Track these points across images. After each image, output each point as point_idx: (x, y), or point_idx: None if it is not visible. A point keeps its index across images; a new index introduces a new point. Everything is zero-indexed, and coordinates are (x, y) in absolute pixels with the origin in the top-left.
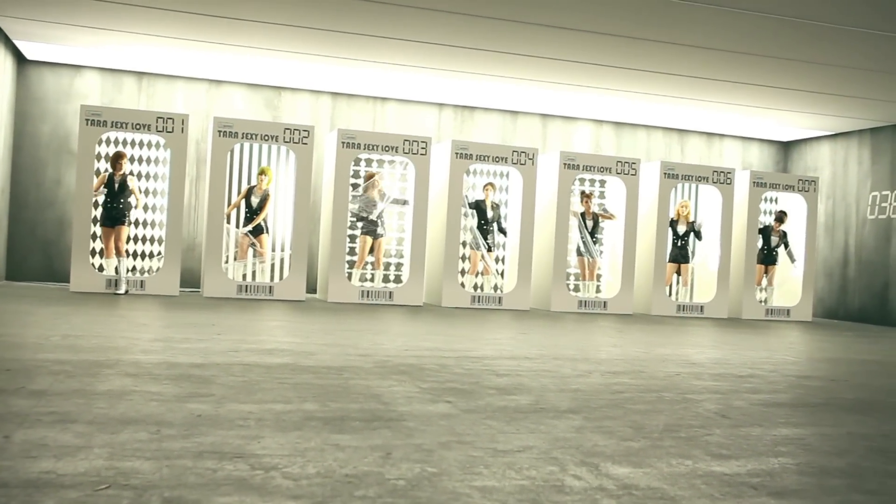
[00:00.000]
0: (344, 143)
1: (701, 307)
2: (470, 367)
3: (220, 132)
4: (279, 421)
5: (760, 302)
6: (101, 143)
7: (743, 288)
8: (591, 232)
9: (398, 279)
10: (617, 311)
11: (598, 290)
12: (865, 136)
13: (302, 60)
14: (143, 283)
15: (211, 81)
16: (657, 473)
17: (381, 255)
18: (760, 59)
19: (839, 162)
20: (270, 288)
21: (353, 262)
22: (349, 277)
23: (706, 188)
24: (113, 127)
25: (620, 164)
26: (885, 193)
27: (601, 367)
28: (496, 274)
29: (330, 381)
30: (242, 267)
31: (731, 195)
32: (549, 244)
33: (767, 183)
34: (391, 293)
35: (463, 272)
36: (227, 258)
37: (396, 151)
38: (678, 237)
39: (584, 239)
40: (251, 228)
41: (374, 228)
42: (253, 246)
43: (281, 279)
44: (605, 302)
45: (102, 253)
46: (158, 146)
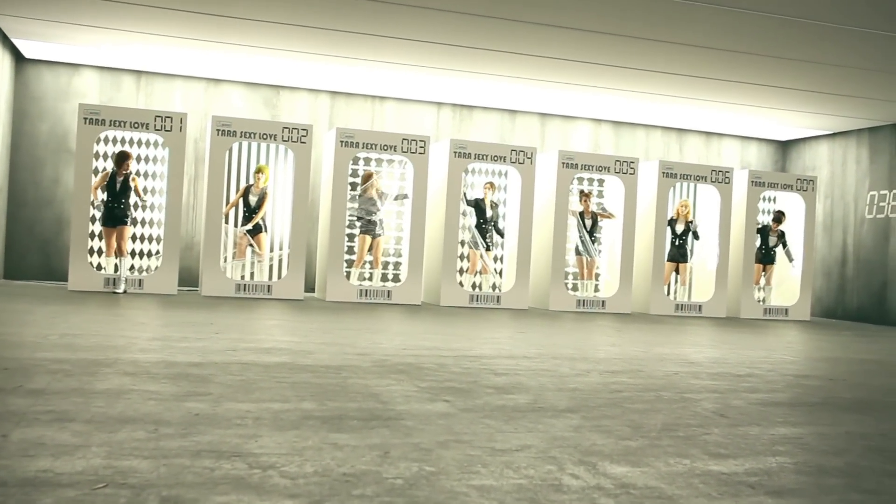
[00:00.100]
0: (342, 142)
1: (699, 306)
2: (468, 366)
3: (218, 131)
4: (277, 420)
5: (759, 301)
6: (99, 141)
7: (741, 287)
8: (589, 231)
9: (396, 278)
10: (615, 310)
11: (596, 289)
12: (864, 135)
13: (300, 59)
14: (141, 281)
15: (209, 80)
16: (655, 472)
17: (379, 254)
18: (759, 58)
19: (837, 161)
20: (269, 287)
21: (351, 261)
22: (348, 276)
23: (704, 187)
24: (111, 126)
25: (619, 163)
26: (883, 193)
27: (599, 366)
28: (494, 273)
29: (328, 380)
30: (241, 266)
31: (729, 194)
32: (547, 243)
33: (766, 182)
34: (389, 292)
35: (461, 271)
36: (225, 257)
37: (395, 150)
38: (677, 236)
39: (582, 238)
40: (250, 227)
41: (372, 228)
42: (251, 246)
43: (279, 278)
44: (603, 301)
45: (101, 252)
46: (157, 145)
